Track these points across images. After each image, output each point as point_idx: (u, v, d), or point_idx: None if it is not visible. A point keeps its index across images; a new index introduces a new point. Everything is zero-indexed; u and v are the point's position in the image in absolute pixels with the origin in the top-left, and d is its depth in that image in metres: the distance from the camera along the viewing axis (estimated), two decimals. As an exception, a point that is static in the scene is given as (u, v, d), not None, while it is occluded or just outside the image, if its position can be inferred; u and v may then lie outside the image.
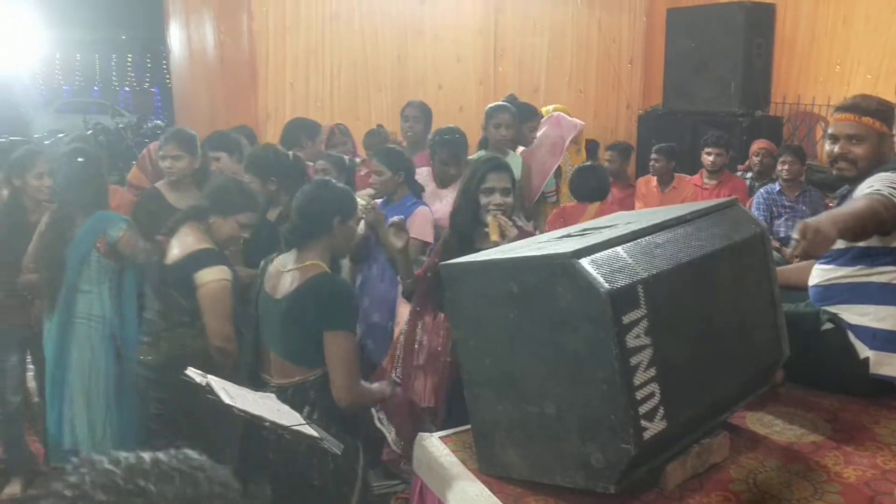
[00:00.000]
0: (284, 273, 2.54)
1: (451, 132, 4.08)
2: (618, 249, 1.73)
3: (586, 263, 1.64)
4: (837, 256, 2.40)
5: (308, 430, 2.19)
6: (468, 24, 7.07)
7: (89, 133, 7.69)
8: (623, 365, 1.61)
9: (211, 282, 2.83)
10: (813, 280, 2.49)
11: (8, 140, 5.81)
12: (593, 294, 1.61)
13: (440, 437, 2.16)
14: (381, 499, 3.42)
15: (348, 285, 2.92)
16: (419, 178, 3.96)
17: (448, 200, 3.55)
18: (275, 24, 6.39)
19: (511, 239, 2.67)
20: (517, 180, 3.25)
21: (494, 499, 1.85)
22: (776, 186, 4.98)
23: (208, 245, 2.92)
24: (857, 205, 2.14)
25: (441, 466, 2.03)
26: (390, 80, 6.76)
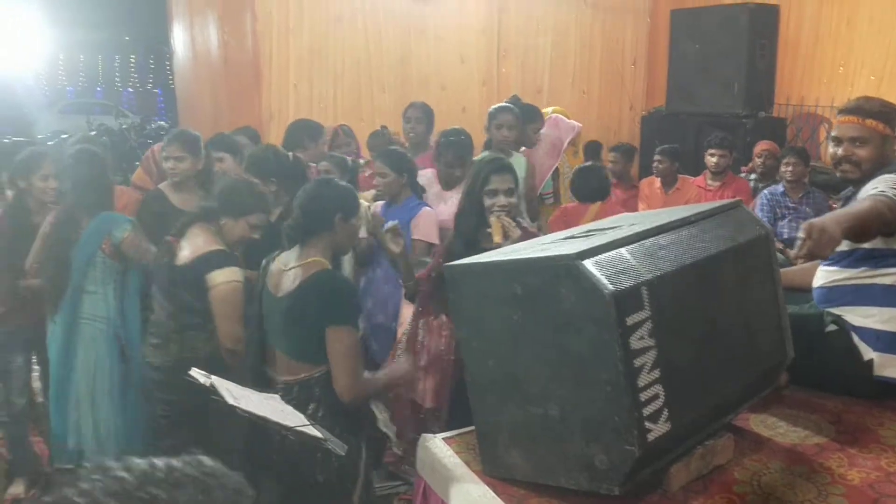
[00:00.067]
0: (286, 271, 2.54)
1: (457, 134, 4.07)
2: (622, 251, 1.73)
3: (590, 265, 1.64)
4: (841, 258, 2.40)
5: (312, 431, 2.19)
6: (471, 25, 7.07)
7: (93, 134, 7.69)
8: (627, 367, 1.61)
9: (223, 283, 2.83)
10: (817, 282, 2.49)
11: (11, 141, 5.83)
12: (597, 296, 1.61)
13: (443, 439, 2.16)
14: (384, 500, 3.42)
15: (349, 281, 2.92)
16: (425, 180, 3.96)
17: (453, 202, 3.54)
18: (278, 26, 6.40)
19: (514, 240, 2.66)
20: (521, 180, 3.25)
21: (498, 500, 1.85)
22: (780, 188, 4.96)
23: (220, 246, 2.92)
24: (862, 205, 2.14)
25: (444, 468, 2.03)
26: (393, 81, 6.77)
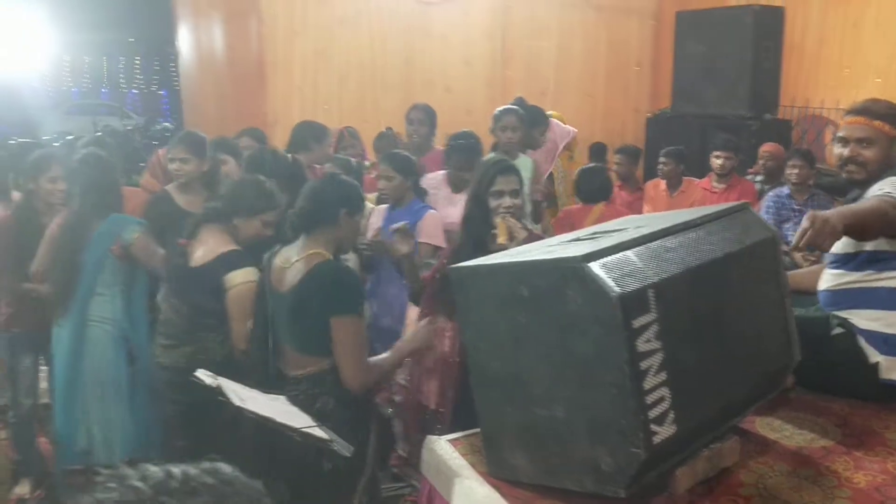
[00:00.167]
0: (289, 267, 2.54)
1: (466, 137, 4.07)
2: (628, 253, 1.73)
3: (597, 267, 1.64)
4: (846, 261, 2.39)
5: (318, 433, 2.19)
6: (476, 27, 7.08)
7: (99, 135, 7.73)
8: (633, 369, 1.61)
9: (241, 283, 2.82)
10: (823, 284, 2.49)
11: (18, 143, 5.85)
12: (604, 298, 1.60)
13: (449, 440, 2.16)
14: (390, 501, 3.42)
15: (351, 270, 2.90)
16: (434, 183, 3.96)
17: (462, 205, 3.55)
18: (283, 28, 6.42)
19: (520, 241, 2.66)
20: (527, 182, 3.25)
21: (503, 502, 1.85)
22: (785, 190, 4.95)
23: (234, 246, 2.92)
24: (867, 203, 2.15)
25: (450, 469, 2.03)
26: (398, 83, 6.77)
